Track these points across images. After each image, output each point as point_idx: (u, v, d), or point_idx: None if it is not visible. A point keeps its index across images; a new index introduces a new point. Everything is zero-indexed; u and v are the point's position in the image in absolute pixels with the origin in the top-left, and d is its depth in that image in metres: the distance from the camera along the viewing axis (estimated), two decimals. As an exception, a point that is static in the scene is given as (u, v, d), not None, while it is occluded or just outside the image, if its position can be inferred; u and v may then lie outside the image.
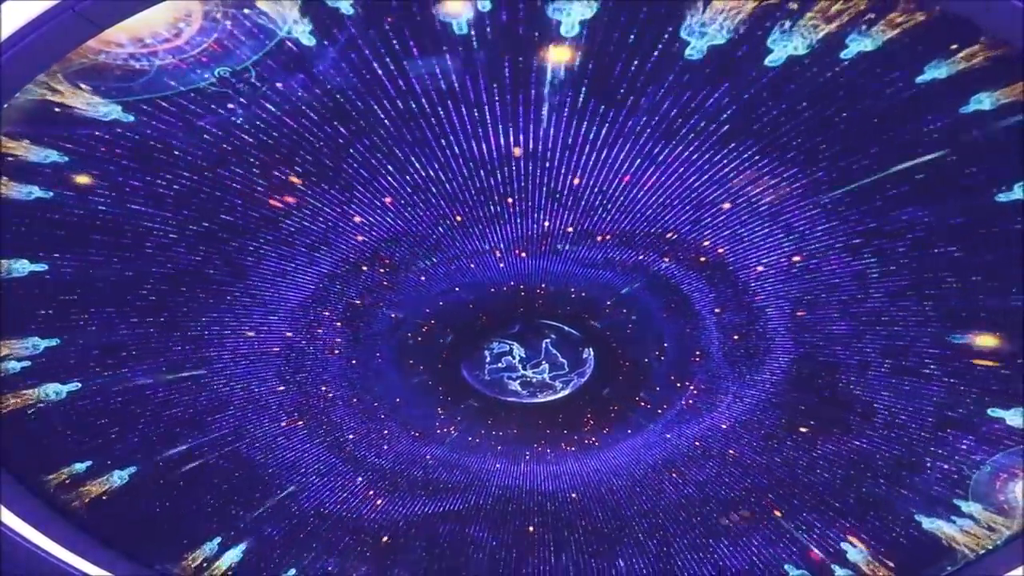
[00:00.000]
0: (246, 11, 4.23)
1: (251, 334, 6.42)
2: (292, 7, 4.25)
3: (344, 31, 4.32)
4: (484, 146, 4.49)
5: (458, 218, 5.15)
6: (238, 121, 4.90)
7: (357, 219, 5.08)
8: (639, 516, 7.32)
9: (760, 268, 5.46)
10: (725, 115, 4.63)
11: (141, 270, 5.86)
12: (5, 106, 4.57)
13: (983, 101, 4.63)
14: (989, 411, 6.26)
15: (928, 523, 7.03)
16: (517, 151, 4.56)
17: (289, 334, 6.26)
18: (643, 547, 7.37)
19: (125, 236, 5.59)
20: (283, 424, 7.20)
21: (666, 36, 4.37)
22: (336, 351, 6.75)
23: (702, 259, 5.44)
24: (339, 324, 6.45)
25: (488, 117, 4.33)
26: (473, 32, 3.98)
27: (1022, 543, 6.60)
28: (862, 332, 6.06)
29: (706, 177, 4.75)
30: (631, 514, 7.29)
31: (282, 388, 6.92)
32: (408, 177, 4.72)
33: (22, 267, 5.49)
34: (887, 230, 5.35)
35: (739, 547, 7.99)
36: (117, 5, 4.14)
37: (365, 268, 5.62)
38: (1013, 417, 6.19)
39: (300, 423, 7.30)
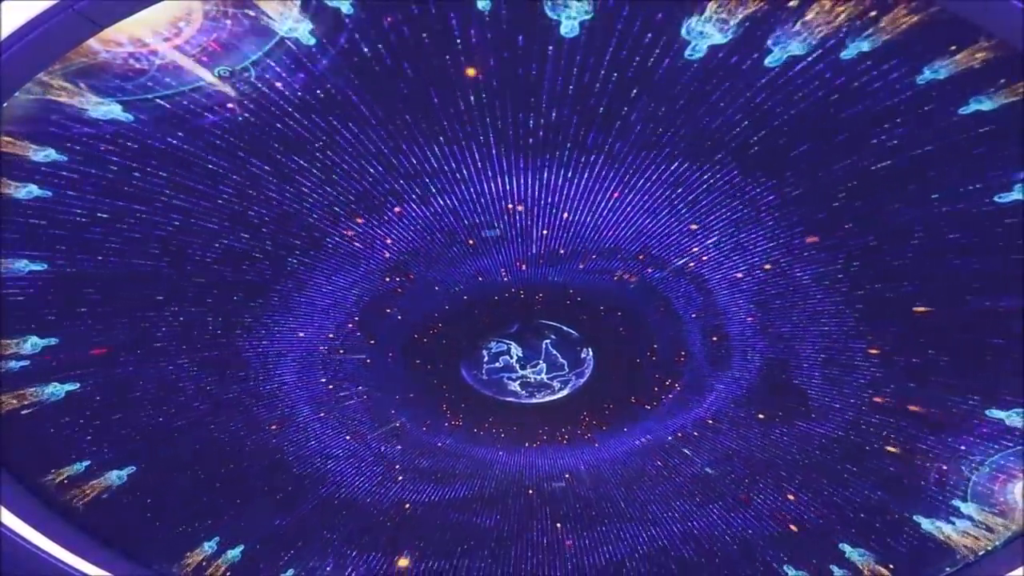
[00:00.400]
0: (246, 11, 4.24)
1: (257, 337, 6.60)
2: (292, 6, 4.25)
3: (344, 31, 4.35)
4: (493, 186, 5.29)
5: (471, 241, 5.81)
6: (240, 122, 4.92)
7: (388, 240, 5.71)
8: (631, 501, 7.70)
9: (739, 275, 6.00)
10: (711, 131, 4.96)
11: (141, 270, 5.87)
12: (4, 105, 4.57)
13: (983, 102, 4.64)
14: (988, 412, 6.27)
15: (927, 524, 7.03)
16: (520, 207, 5.45)
17: (302, 334, 6.65)
18: (632, 527, 7.75)
19: (124, 236, 5.59)
20: (273, 427, 7.26)
21: (665, 36, 4.41)
22: (352, 351, 6.99)
23: (678, 270, 6.04)
24: (352, 327, 6.73)
25: (496, 164, 5.16)
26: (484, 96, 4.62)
27: (1021, 544, 6.62)
28: (852, 334, 6.24)
29: (686, 199, 5.42)
30: (621, 497, 7.70)
31: (288, 387, 7.06)
32: (430, 209, 5.48)
33: (21, 267, 5.50)
34: (876, 235, 5.54)
35: (736, 547, 8.02)
36: (117, 4, 4.14)
37: (387, 279, 6.08)
38: (1012, 418, 6.20)
39: (296, 422, 7.35)
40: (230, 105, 4.78)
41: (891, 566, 7.43)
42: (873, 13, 4.23)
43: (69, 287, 5.76)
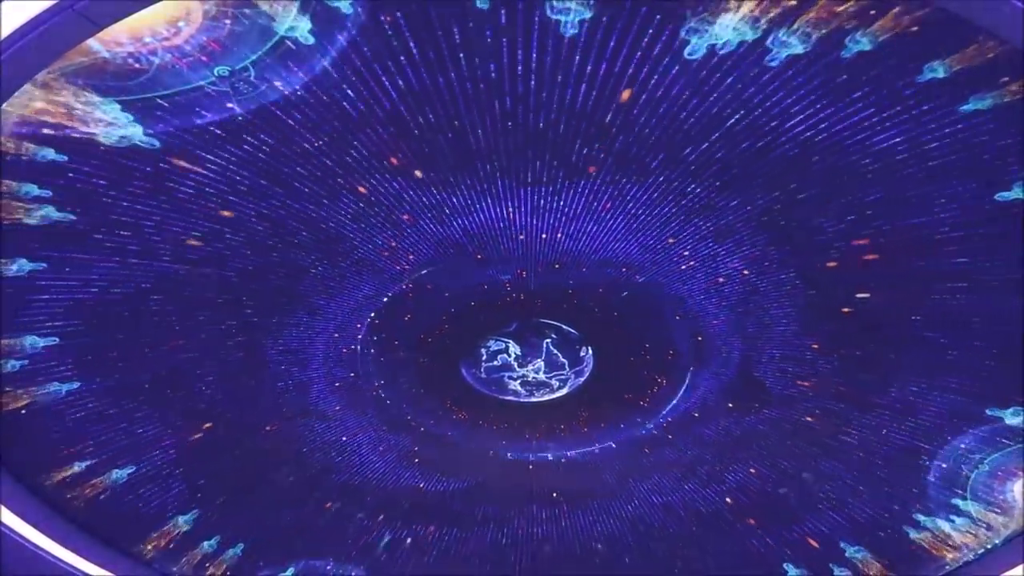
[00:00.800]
0: (245, 10, 4.24)
1: (275, 338, 6.76)
2: (291, 5, 4.25)
3: (345, 31, 4.36)
4: (494, 213, 5.92)
5: (479, 256, 6.31)
6: (240, 121, 4.93)
7: (411, 256, 6.26)
8: (622, 482, 8.15)
9: (720, 279, 6.39)
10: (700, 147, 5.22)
11: (140, 269, 5.87)
12: (4, 106, 4.57)
13: (983, 101, 4.64)
14: (988, 410, 6.28)
15: (926, 521, 7.06)
16: (522, 236, 6.18)
17: (337, 335, 7.00)
18: (619, 504, 8.25)
19: (123, 235, 5.59)
20: (268, 428, 7.32)
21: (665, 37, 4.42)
22: (365, 350, 7.18)
23: (661, 278, 6.55)
24: (362, 328, 6.95)
25: (501, 191, 5.73)
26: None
27: (1020, 542, 6.63)
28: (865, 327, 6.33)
29: (665, 214, 5.89)
30: (614, 479, 8.15)
31: (303, 385, 7.21)
32: (446, 230, 6.04)
33: (21, 266, 5.50)
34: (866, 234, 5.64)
35: (734, 545, 8.07)
36: (117, 4, 4.14)
37: (403, 287, 6.52)
38: (1012, 417, 6.21)
39: (306, 417, 7.44)
40: (229, 105, 4.78)
41: (890, 564, 7.46)
42: (872, 12, 4.24)
43: (69, 287, 5.77)
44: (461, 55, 4.58)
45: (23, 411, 6.20)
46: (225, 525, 7.70)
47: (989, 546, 6.87)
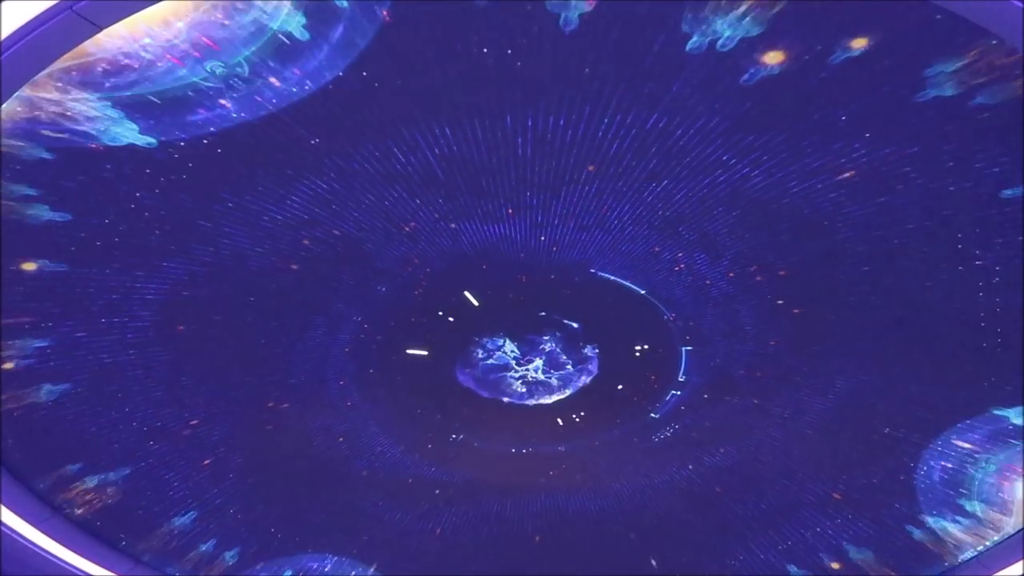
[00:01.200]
0: (238, 5, 4.24)
1: (286, 338, 6.81)
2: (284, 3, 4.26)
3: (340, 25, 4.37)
4: (498, 231, 6.28)
5: (483, 265, 6.60)
6: (234, 119, 4.94)
7: (428, 269, 6.62)
8: (615, 469, 8.32)
9: (708, 282, 6.48)
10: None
11: (141, 268, 5.88)
12: (3, 105, 4.59)
13: (984, 99, 4.62)
14: (993, 410, 6.25)
15: (930, 520, 7.03)
16: (522, 254, 6.56)
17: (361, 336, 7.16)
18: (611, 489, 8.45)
19: (121, 234, 5.59)
20: (270, 427, 7.33)
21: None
22: (377, 349, 7.33)
23: (653, 283, 6.85)
24: (374, 329, 7.11)
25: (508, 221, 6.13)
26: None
27: (1019, 539, 6.60)
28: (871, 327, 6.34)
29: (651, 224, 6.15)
30: (607, 465, 8.34)
31: (302, 381, 7.25)
32: (458, 245, 6.36)
33: (16, 267, 5.51)
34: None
35: (736, 544, 8.05)
36: (117, 5, 4.15)
37: (416, 293, 6.82)
38: (1017, 416, 6.18)
39: (311, 413, 7.46)
40: (222, 101, 4.78)
41: (893, 564, 7.43)
42: (871, 12, 4.22)
43: (67, 285, 5.78)
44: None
45: (22, 411, 6.22)
46: (223, 527, 7.71)
47: (990, 543, 6.84)
